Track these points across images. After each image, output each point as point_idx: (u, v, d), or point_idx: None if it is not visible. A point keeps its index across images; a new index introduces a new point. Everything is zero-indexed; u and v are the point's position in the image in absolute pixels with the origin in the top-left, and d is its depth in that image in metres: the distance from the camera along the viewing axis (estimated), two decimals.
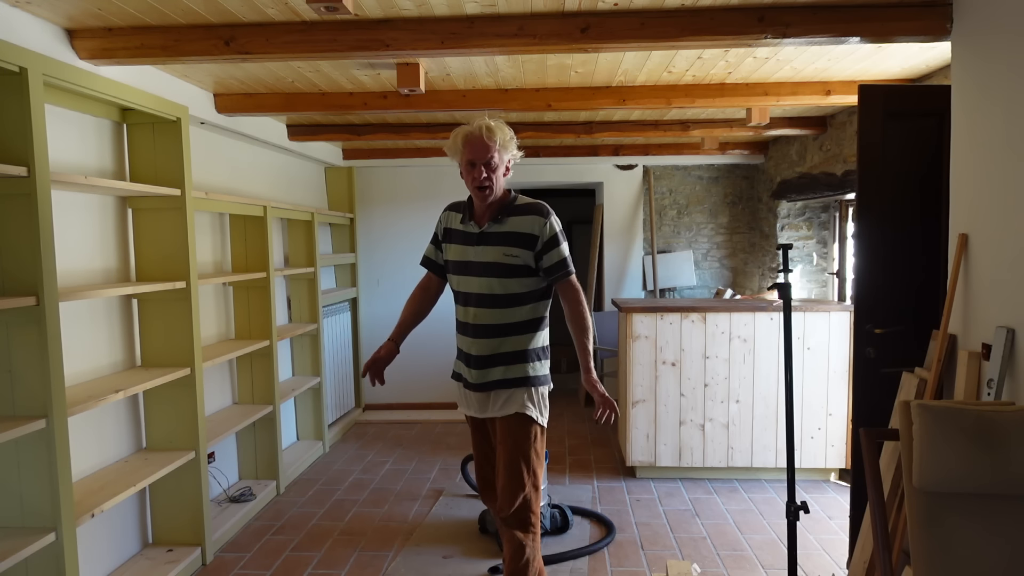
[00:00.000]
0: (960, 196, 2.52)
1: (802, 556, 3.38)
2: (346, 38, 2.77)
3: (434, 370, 6.50)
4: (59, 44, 2.74)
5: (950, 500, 1.76)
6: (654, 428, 4.49)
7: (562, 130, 5.02)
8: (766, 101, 3.86)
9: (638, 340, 4.46)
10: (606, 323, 6.18)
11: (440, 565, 3.34)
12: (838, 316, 4.35)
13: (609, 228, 6.49)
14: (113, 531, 3.14)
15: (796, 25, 2.64)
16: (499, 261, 2.45)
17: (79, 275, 2.95)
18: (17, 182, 2.31)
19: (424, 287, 2.81)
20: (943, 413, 1.75)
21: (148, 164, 3.23)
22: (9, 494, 2.41)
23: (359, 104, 3.93)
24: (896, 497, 2.52)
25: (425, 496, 4.29)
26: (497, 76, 3.62)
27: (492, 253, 2.46)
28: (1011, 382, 2.20)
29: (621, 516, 3.92)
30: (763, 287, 6.07)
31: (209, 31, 2.79)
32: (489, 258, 2.46)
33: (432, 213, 6.40)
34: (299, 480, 4.62)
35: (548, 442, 5.33)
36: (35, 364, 2.36)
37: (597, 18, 2.67)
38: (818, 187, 4.91)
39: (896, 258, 2.94)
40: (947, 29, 2.59)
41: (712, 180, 6.52)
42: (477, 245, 2.50)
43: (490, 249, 2.47)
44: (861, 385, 2.99)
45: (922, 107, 2.98)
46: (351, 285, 6.28)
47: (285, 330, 4.69)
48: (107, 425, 3.11)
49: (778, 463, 4.41)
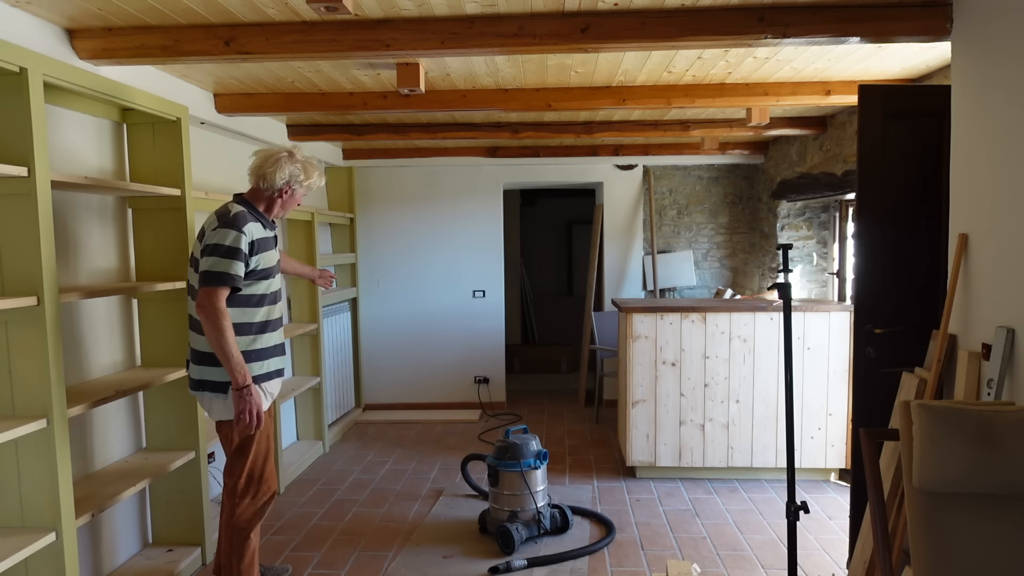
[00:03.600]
0: (960, 196, 2.52)
1: (802, 556, 3.38)
2: (346, 38, 2.77)
3: (434, 370, 6.52)
4: (59, 44, 2.74)
5: (950, 500, 1.76)
6: (654, 428, 4.49)
7: (562, 130, 5.02)
8: (766, 101, 3.86)
9: (638, 340, 4.46)
10: (606, 323, 6.18)
11: (440, 565, 3.34)
12: (838, 316, 4.35)
13: (609, 228, 6.49)
14: (113, 531, 3.14)
15: (796, 25, 2.64)
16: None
17: (79, 275, 2.95)
18: (17, 182, 2.31)
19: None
20: (943, 413, 1.75)
21: (148, 164, 3.23)
22: (9, 494, 2.41)
23: (359, 104, 3.93)
24: (896, 497, 2.52)
25: (425, 496, 4.29)
26: (497, 76, 3.62)
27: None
28: (1011, 382, 2.20)
29: (621, 516, 3.92)
30: (763, 287, 6.07)
31: (209, 31, 2.79)
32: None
33: (432, 213, 6.50)
34: (299, 480, 4.62)
35: (548, 442, 5.35)
36: (35, 364, 2.36)
37: (597, 18, 2.66)
38: (818, 187, 4.91)
39: (896, 258, 2.94)
40: (947, 29, 2.59)
41: (712, 180, 6.52)
42: (276, 247, 2.90)
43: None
44: (861, 385, 2.99)
45: (922, 107, 2.97)
46: (351, 285, 6.28)
47: (285, 330, 4.68)
48: (107, 425, 3.11)
49: (778, 463, 4.41)
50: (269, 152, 2.80)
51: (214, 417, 2.74)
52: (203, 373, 2.70)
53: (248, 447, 2.74)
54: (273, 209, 2.85)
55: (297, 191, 2.85)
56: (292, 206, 2.90)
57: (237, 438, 2.72)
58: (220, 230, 2.62)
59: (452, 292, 6.49)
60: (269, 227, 2.84)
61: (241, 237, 2.62)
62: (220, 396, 2.68)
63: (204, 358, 2.69)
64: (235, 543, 2.75)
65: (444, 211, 6.44)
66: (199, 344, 2.70)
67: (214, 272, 2.58)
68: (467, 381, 6.53)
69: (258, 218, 2.77)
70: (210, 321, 2.57)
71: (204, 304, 2.57)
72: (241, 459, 2.74)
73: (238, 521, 2.74)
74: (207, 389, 2.69)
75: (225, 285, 2.59)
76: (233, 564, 2.76)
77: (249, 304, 2.71)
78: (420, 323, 6.49)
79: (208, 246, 2.62)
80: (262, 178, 2.77)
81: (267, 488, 2.80)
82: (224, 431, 2.75)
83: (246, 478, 2.74)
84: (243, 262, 2.63)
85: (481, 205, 6.43)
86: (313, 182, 2.88)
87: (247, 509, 2.74)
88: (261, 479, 2.78)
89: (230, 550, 2.76)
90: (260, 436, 2.76)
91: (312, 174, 2.86)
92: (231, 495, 2.74)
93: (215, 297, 2.57)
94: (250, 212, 2.75)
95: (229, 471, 2.76)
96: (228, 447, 2.75)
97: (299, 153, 2.84)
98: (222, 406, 2.70)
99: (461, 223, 6.44)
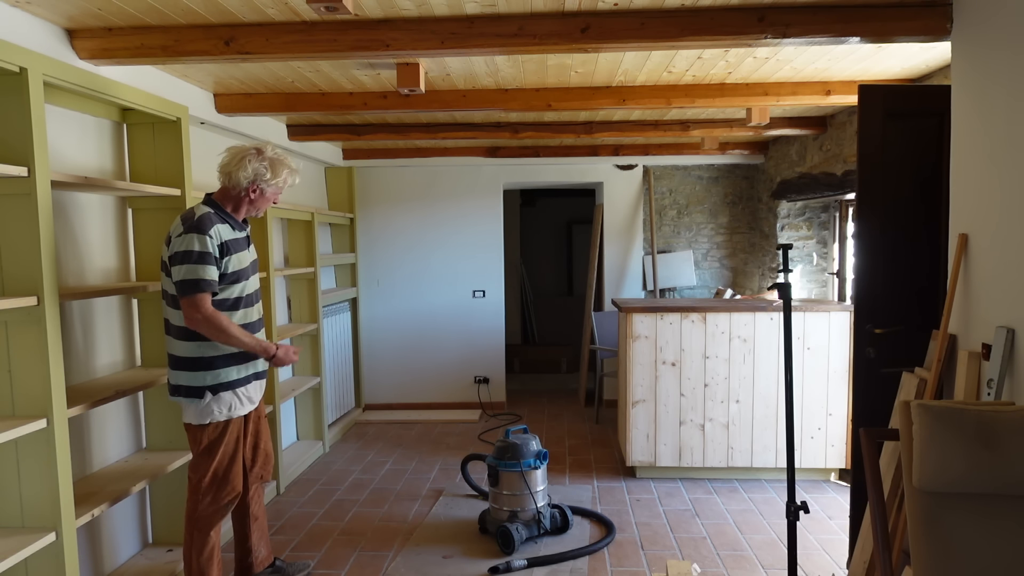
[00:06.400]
0: (960, 196, 2.52)
1: (802, 556, 3.38)
2: (346, 38, 2.77)
3: (434, 370, 6.52)
4: (59, 44, 2.74)
5: (950, 500, 1.76)
6: (654, 428, 4.49)
7: (562, 130, 5.02)
8: (766, 101, 3.86)
9: (638, 340, 4.46)
10: (606, 323, 6.18)
11: (440, 565, 3.34)
12: (838, 316, 4.35)
13: (609, 228, 6.49)
14: (113, 531, 3.14)
15: (796, 25, 2.64)
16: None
17: (79, 275, 2.95)
18: (17, 182, 2.31)
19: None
20: (943, 413, 1.75)
21: (148, 164, 3.23)
22: (9, 494, 2.41)
23: (359, 104, 3.93)
24: (896, 497, 2.52)
25: (425, 496, 4.29)
26: (497, 76, 3.62)
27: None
28: (1011, 382, 2.20)
29: (621, 516, 3.92)
30: (763, 287, 6.07)
31: (209, 31, 2.79)
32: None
33: (432, 213, 6.50)
34: (299, 480, 4.62)
35: (548, 442, 5.35)
36: (35, 364, 2.36)
37: (597, 18, 2.66)
38: (818, 187, 4.91)
39: (896, 258, 2.94)
40: (947, 29, 2.59)
41: (712, 180, 6.52)
42: (249, 247, 2.89)
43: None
44: (861, 385, 2.98)
45: (922, 107, 2.97)
46: (351, 285, 6.28)
47: (285, 330, 4.69)
48: (107, 425, 3.11)
49: (778, 463, 4.41)
50: (237, 150, 2.75)
51: (186, 420, 2.74)
52: (178, 378, 2.70)
53: (216, 449, 2.74)
54: (241, 209, 2.80)
55: (267, 190, 2.78)
56: (264, 205, 2.84)
57: (206, 440, 2.73)
58: (185, 236, 2.59)
59: (452, 292, 6.49)
60: (239, 228, 2.80)
61: (207, 240, 2.59)
62: (195, 401, 2.68)
63: (179, 363, 2.69)
64: (195, 538, 2.77)
65: (444, 211, 6.44)
66: (174, 349, 2.70)
67: (190, 280, 2.57)
68: (467, 381, 6.53)
69: (226, 219, 2.74)
70: (207, 329, 2.59)
71: (193, 316, 2.57)
72: (208, 459, 2.74)
73: (199, 518, 2.76)
74: (182, 394, 2.70)
75: (204, 291, 2.58)
76: (192, 557, 2.77)
77: (223, 308, 2.69)
78: (420, 323, 6.49)
79: (177, 254, 2.59)
80: (228, 176, 2.73)
81: (231, 489, 2.80)
82: (193, 433, 2.74)
83: (210, 477, 2.74)
84: (215, 265, 2.61)
85: (481, 205, 6.43)
86: (282, 181, 2.81)
87: (208, 507, 2.76)
88: (225, 480, 2.78)
89: (190, 543, 2.77)
90: (228, 438, 2.76)
91: (280, 172, 2.79)
92: (194, 492, 2.76)
93: (200, 305, 2.57)
94: (217, 213, 2.71)
95: (194, 468, 2.77)
96: (196, 448, 2.76)
97: (269, 150, 2.77)
98: (195, 410, 2.70)
99: (461, 223, 6.44)
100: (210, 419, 2.70)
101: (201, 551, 2.77)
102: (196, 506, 2.76)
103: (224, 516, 2.82)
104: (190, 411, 2.72)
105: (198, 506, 2.75)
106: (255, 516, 3.05)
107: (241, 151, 2.74)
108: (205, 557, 2.78)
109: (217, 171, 2.77)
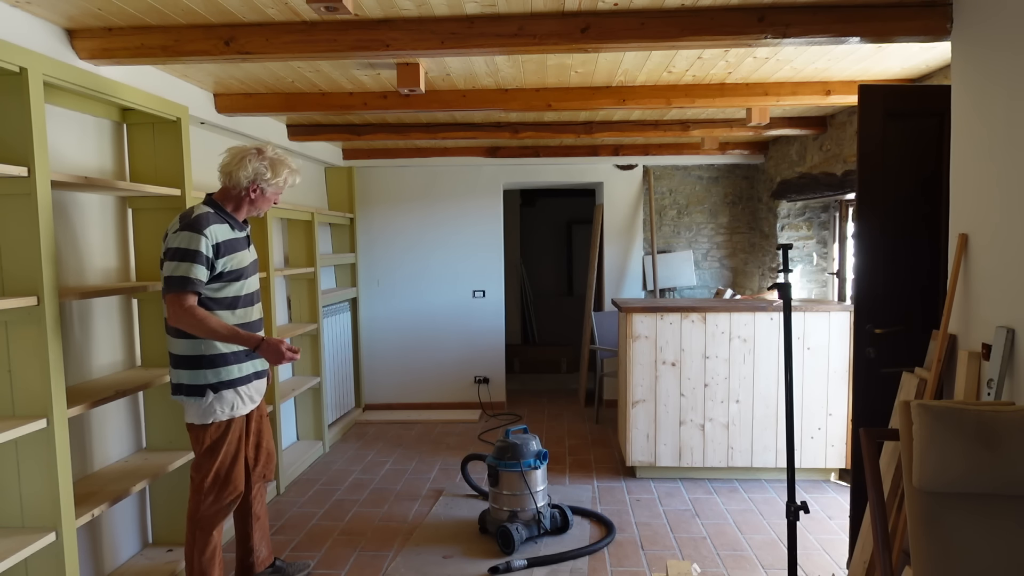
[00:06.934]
0: (960, 196, 2.52)
1: (802, 556, 3.38)
2: (346, 38, 2.77)
3: (434, 370, 6.52)
4: (59, 44, 2.74)
5: (950, 500, 1.76)
6: (654, 428, 4.49)
7: (562, 130, 5.02)
8: (766, 101, 3.86)
9: (638, 340, 4.46)
10: (606, 323, 6.18)
11: (440, 565, 3.34)
12: (838, 316, 4.35)
13: (609, 228, 6.49)
14: (113, 531, 3.14)
15: (796, 25, 2.64)
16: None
17: (79, 275, 2.95)
18: (17, 182, 2.31)
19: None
20: (943, 413, 1.75)
21: (148, 164, 3.23)
22: (9, 494, 2.41)
23: (359, 104, 3.93)
24: (896, 497, 2.52)
25: (425, 496, 4.29)
26: (497, 76, 3.62)
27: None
28: (1011, 382, 2.20)
29: (621, 516, 3.92)
30: (763, 287, 6.07)
31: (209, 31, 2.79)
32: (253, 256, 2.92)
33: (432, 213, 6.50)
34: (299, 480, 4.62)
35: (548, 442, 5.35)
36: (35, 364, 2.36)
37: (597, 18, 2.66)
38: (818, 187, 4.91)
39: (896, 258, 2.94)
40: (947, 29, 2.60)
41: (712, 180, 6.52)
42: (249, 247, 2.87)
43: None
44: (861, 385, 2.98)
45: (922, 107, 2.97)
46: (351, 285, 6.28)
47: (285, 330, 4.69)
48: (107, 425, 3.11)
49: (778, 463, 4.41)
50: (237, 150, 2.76)
51: (188, 420, 2.74)
52: (179, 377, 2.70)
53: (218, 449, 2.74)
54: (242, 209, 2.80)
55: (267, 190, 2.79)
56: (264, 206, 2.84)
57: (208, 440, 2.73)
58: (180, 233, 2.60)
59: (452, 292, 6.49)
60: (238, 228, 2.80)
61: (202, 239, 2.58)
62: (196, 399, 2.68)
63: (178, 362, 2.69)
64: (197, 537, 2.77)
65: (444, 211, 6.44)
66: (174, 348, 2.70)
67: (175, 277, 2.57)
68: (467, 381, 6.53)
69: (225, 219, 2.74)
70: (188, 325, 2.58)
71: (174, 313, 2.57)
72: (210, 459, 2.74)
73: (201, 518, 2.76)
74: (183, 393, 2.70)
75: (186, 290, 2.57)
76: (194, 557, 2.78)
77: (223, 307, 2.69)
78: (420, 323, 6.49)
79: (169, 250, 2.60)
80: (228, 176, 2.74)
81: (233, 489, 2.80)
82: (195, 433, 2.74)
83: (213, 477, 2.74)
84: (204, 265, 2.59)
85: (481, 205, 6.43)
86: (282, 181, 2.81)
87: (210, 507, 2.76)
88: (228, 480, 2.78)
89: (192, 543, 2.78)
90: (231, 438, 2.76)
91: (281, 172, 2.79)
92: (196, 491, 2.76)
93: (180, 302, 2.57)
94: (216, 213, 2.71)
95: (197, 468, 2.77)
96: (198, 448, 2.76)
97: (269, 150, 2.78)
98: (197, 410, 2.70)
99: (461, 223, 6.44)
100: (212, 419, 2.70)
101: (203, 551, 2.78)
102: (198, 506, 2.76)
103: (226, 516, 2.82)
104: (192, 411, 2.71)
105: (200, 506, 2.75)
106: (257, 516, 3.05)
107: (241, 151, 2.74)
108: (207, 557, 2.78)
109: (217, 171, 2.78)
